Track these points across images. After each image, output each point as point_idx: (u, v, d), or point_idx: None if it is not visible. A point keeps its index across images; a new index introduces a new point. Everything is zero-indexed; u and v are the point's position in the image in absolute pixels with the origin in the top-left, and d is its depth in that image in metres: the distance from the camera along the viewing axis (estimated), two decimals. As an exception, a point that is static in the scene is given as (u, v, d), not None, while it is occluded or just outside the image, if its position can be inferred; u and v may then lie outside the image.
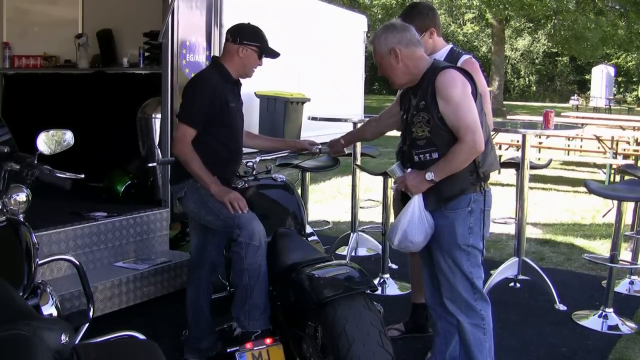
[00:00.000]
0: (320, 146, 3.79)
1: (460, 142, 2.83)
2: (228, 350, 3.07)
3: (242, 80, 3.50)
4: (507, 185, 9.08)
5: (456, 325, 3.12)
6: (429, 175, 2.87)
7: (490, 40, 29.57)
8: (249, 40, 3.35)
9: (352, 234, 5.55)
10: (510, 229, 6.04)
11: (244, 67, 3.40)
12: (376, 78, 42.05)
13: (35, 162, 2.67)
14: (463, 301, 3.02)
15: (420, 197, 2.95)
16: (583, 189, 5.95)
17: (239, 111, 3.48)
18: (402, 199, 3.83)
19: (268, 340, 3.05)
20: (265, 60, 3.48)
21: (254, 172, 3.57)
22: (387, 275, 4.97)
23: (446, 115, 2.84)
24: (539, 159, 10.33)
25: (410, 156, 3.00)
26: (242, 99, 3.55)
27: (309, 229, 4.04)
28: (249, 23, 3.45)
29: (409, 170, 3.00)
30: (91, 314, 2.69)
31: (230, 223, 3.22)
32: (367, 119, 6.08)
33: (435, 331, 3.38)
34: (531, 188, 7.29)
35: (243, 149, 3.58)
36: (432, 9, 3.73)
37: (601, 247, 6.26)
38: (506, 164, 5.25)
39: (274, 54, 3.44)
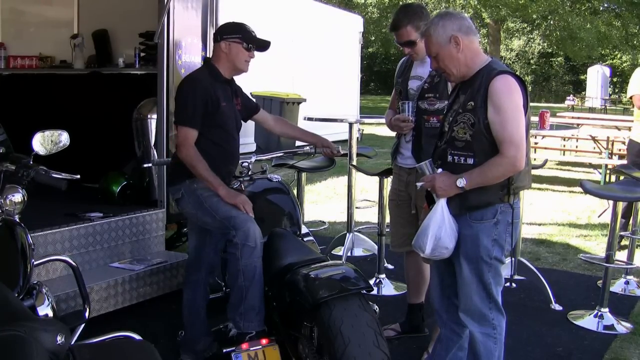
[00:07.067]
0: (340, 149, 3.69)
1: (500, 155, 2.67)
2: (224, 350, 3.06)
3: (238, 77, 3.48)
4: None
5: (459, 333, 3.04)
6: (460, 182, 2.72)
7: (486, 40, 29.61)
8: (229, 34, 3.34)
9: (348, 234, 5.55)
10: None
11: (232, 62, 3.36)
12: (372, 78, 41.96)
13: (31, 162, 2.67)
14: (476, 309, 2.89)
15: (445, 201, 2.81)
16: (579, 189, 5.96)
17: (232, 110, 3.43)
18: (400, 200, 3.83)
19: (264, 341, 3.04)
20: (260, 59, 3.45)
21: (250, 173, 3.57)
22: (383, 276, 4.97)
23: (493, 124, 2.68)
24: (535, 159, 10.34)
25: (444, 154, 2.85)
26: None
27: (304, 230, 4.04)
28: (231, 21, 3.45)
29: (440, 170, 2.85)
30: (87, 314, 2.69)
31: (226, 224, 3.21)
32: (363, 119, 6.10)
33: (436, 336, 3.30)
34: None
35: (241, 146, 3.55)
36: (425, 9, 3.73)
37: (597, 247, 6.28)
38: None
39: (262, 43, 3.39)
